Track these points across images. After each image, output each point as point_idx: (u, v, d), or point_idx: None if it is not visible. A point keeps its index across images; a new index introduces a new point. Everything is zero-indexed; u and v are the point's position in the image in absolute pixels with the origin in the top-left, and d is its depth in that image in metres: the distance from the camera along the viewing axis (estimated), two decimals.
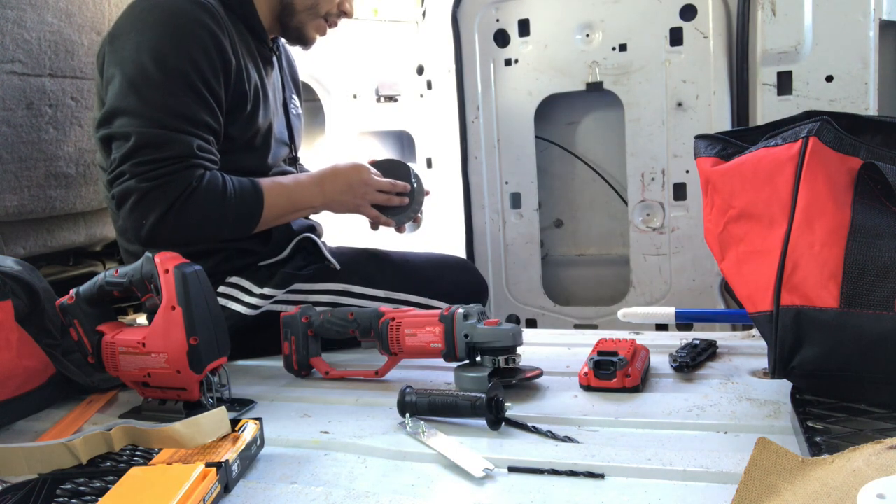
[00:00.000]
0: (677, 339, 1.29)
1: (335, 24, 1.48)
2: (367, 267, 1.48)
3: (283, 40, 1.55)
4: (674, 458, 0.82)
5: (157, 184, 1.21)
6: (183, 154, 1.22)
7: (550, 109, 2.05)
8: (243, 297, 1.36)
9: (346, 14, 1.47)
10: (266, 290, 1.36)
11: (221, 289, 1.36)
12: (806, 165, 0.88)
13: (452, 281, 1.56)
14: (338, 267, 1.44)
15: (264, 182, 1.34)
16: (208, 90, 1.25)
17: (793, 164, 0.89)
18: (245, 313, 1.34)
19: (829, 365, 0.86)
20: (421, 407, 0.98)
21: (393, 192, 1.45)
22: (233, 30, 1.31)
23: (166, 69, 1.22)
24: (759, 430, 0.89)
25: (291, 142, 1.55)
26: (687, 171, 1.87)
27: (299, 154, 1.62)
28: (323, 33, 1.48)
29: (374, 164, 1.50)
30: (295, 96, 1.64)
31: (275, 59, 1.50)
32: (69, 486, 0.80)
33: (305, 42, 1.48)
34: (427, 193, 1.53)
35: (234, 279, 1.38)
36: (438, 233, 2.27)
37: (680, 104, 1.86)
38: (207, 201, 1.24)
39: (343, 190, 1.40)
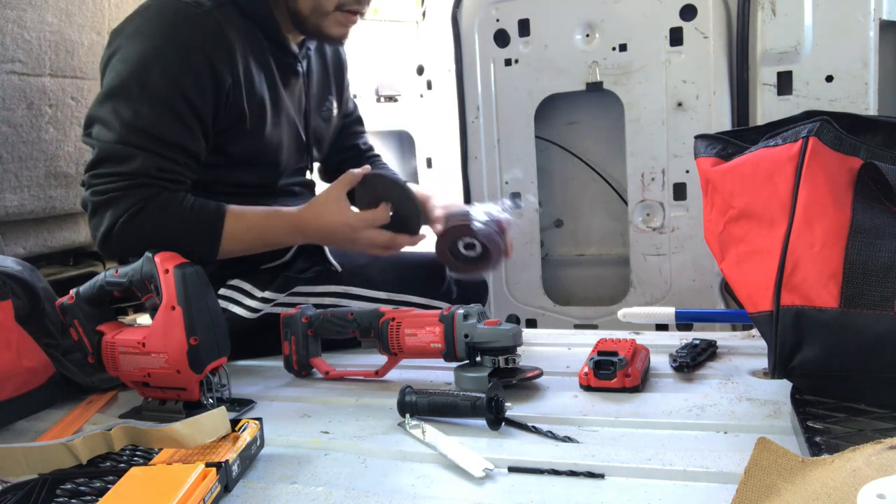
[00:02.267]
0: (677, 339, 1.29)
1: (357, 13, 1.33)
2: (368, 269, 1.47)
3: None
4: (674, 458, 0.82)
5: (106, 199, 1.18)
6: (138, 172, 1.18)
7: (550, 109, 2.05)
8: (244, 300, 1.36)
9: None
10: (267, 294, 1.36)
11: (222, 291, 1.36)
12: (806, 165, 0.88)
13: (454, 283, 1.56)
14: (339, 269, 1.44)
15: (232, 213, 1.24)
16: (190, 111, 1.20)
17: (793, 164, 0.89)
18: (245, 316, 1.34)
19: (829, 365, 0.86)
20: (421, 407, 0.98)
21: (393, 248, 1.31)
22: (239, 43, 1.25)
23: (146, 87, 1.17)
24: (759, 430, 0.89)
25: (311, 149, 1.50)
26: (687, 171, 1.87)
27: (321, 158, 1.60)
28: (346, 26, 1.33)
29: (367, 180, 1.29)
30: (332, 97, 1.55)
31: (300, 66, 1.41)
32: (69, 486, 0.80)
33: (332, 41, 1.38)
34: (507, 256, 1.39)
35: (234, 282, 1.38)
36: None
37: (680, 104, 1.86)
38: (153, 222, 1.18)
39: (325, 238, 1.32)
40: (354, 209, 1.31)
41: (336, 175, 1.34)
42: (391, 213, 1.28)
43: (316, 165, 1.67)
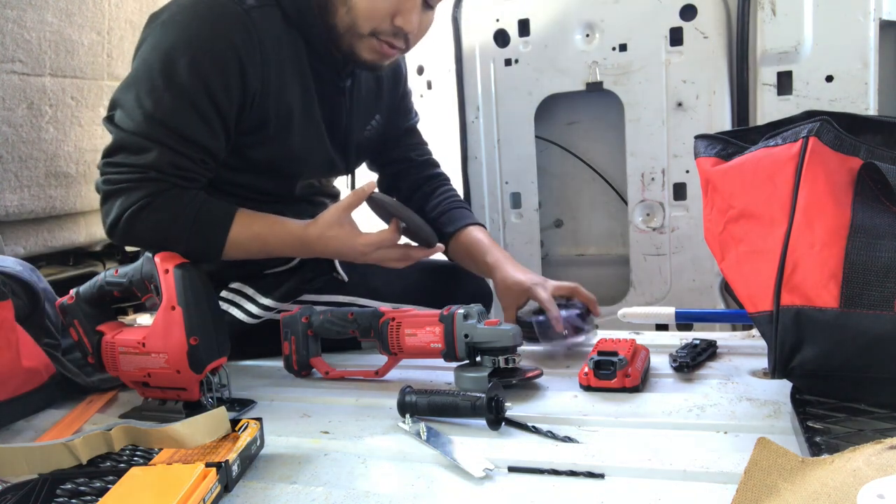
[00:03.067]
0: (677, 339, 1.29)
1: (396, 46, 1.25)
2: (374, 279, 1.46)
3: None
4: (674, 458, 0.82)
5: (116, 189, 1.17)
6: (151, 166, 1.16)
7: (550, 109, 2.05)
8: (245, 305, 1.35)
9: (403, 30, 1.21)
10: (268, 302, 1.35)
11: (224, 294, 1.35)
12: (806, 165, 0.88)
13: (459, 289, 1.55)
14: (346, 279, 1.43)
15: (240, 219, 1.21)
16: (213, 110, 1.18)
17: (793, 164, 0.89)
18: (245, 321, 1.34)
19: (829, 365, 0.86)
20: (421, 407, 0.98)
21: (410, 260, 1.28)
22: (274, 46, 1.21)
23: (171, 79, 1.15)
24: (759, 430, 0.89)
25: (348, 168, 1.46)
26: (687, 171, 1.87)
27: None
28: (382, 55, 1.26)
29: (372, 200, 1.24)
30: (379, 115, 1.48)
31: (343, 83, 1.35)
32: (69, 486, 0.80)
33: (365, 66, 1.29)
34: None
35: (236, 285, 1.37)
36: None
37: (680, 104, 1.86)
38: (158, 217, 1.17)
39: (335, 258, 1.33)
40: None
41: (389, 189, 1.37)
42: (403, 227, 1.25)
43: (376, 177, 1.62)
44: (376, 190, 1.23)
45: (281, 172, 1.33)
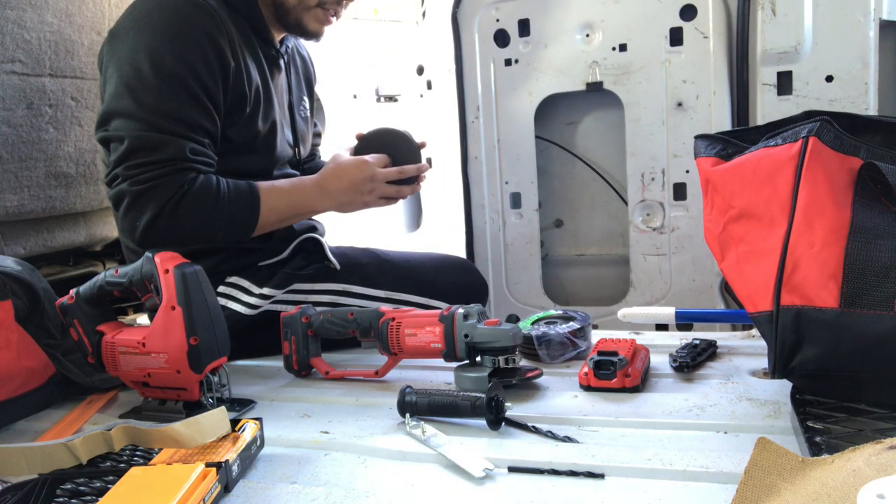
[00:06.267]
0: (677, 339, 1.29)
1: (337, 12, 1.41)
2: (367, 267, 1.48)
3: (292, 41, 1.53)
4: (674, 458, 0.82)
5: (148, 186, 1.20)
6: (175, 157, 1.21)
7: (550, 109, 2.06)
8: (242, 297, 1.36)
9: None
10: (265, 290, 1.36)
11: (221, 288, 1.36)
12: (806, 165, 0.88)
13: (452, 281, 1.56)
14: (338, 267, 1.44)
15: (262, 185, 1.31)
16: (205, 93, 1.24)
17: (793, 164, 0.89)
18: (244, 313, 1.35)
19: (829, 365, 0.86)
20: (421, 407, 0.98)
21: (403, 178, 1.40)
22: (234, 32, 1.30)
23: (162, 72, 1.21)
24: (759, 430, 0.89)
25: (296, 145, 1.53)
26: (687, 171, 1.87)
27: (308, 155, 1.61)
28: (326, 22, 1.41)
29: (363, 137, 1.42)
30: (306, 98, 1.61)
31: (282, 61, 1.48)
32: (69, 486, 0.80)
33: (310, 35, 1.42)
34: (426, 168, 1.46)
35: (233, 279, 1.38)
36: (438, 233, 2.27)
37: (680, 104, 1.86)
38: (199, 204, 1.23)
39: (347, 189, 1.36)
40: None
41: None
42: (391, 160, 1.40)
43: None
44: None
45: (259, 149, 1.39)
